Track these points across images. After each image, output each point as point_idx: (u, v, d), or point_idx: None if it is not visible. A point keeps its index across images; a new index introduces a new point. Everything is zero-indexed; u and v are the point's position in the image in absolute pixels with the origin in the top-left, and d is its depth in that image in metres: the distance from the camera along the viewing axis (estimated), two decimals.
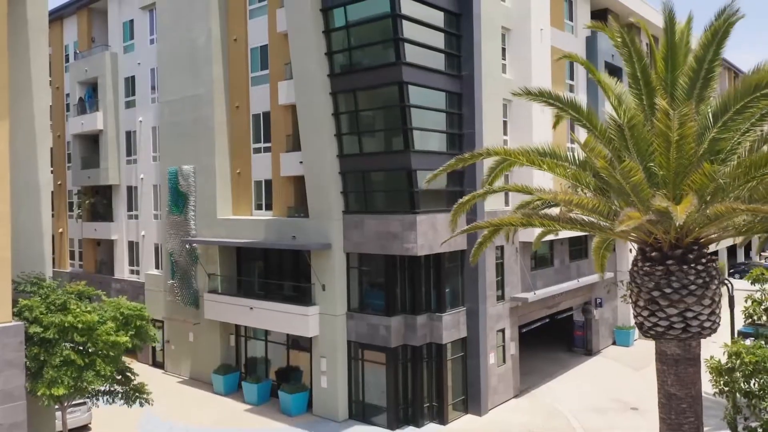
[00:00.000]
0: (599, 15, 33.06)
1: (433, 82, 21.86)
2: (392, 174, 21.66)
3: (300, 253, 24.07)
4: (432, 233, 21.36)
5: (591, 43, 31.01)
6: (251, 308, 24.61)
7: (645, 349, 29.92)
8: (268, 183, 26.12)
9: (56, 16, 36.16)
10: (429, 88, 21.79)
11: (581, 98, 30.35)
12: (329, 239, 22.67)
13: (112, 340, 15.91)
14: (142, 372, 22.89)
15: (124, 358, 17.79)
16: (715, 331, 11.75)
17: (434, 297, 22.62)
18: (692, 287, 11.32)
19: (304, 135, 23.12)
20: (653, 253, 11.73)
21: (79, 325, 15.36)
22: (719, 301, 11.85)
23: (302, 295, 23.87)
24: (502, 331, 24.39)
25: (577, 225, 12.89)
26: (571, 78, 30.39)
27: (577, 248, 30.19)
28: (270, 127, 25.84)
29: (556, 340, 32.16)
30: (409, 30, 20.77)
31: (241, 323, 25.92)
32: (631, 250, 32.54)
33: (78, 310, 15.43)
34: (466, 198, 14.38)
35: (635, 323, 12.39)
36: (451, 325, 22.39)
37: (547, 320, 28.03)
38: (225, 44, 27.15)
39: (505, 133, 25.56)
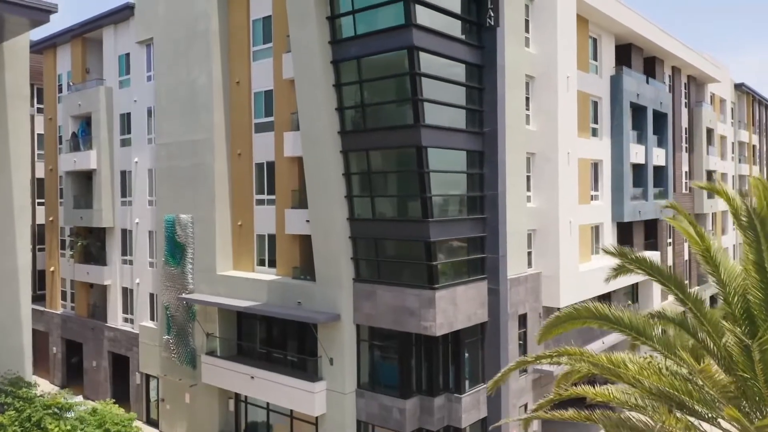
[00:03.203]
0: (623, 50, 31.31)
1: (453, 142, 20.01)
2: (409, 243, 19.77)
3: None
4: (452, 309, 19.49)
5: (616, 82, 29.23)
6: (252, 377, 22.75)
7: None
8: (272, 238, 24.26)
9: (49, 44, 34.30)
10: (449, 149, 19.94)
11: (605, 142, 28.62)
12: (338, 309, 20.80)
13: None
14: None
15: None
16: None
17: (452, 373, 20.74)
18: None
19: (312, 193, 21.26)
20: None
21: None
22: None
23: (308, 368, 21.98)
24: (525, 406, 22.53)
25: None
26: (596, 121, 28.56)
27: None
28: (274, 178, 23.99)
29: (576, 402, 30.18)
30: (428, 87, 18.89)
31: (240, 392, 24.04)
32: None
33: (56, 430, 13.54)
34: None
35: None
36: (471, 406, 20.52)
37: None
38: (227, 87, 25.28)
39: (528, 189, 23.71)
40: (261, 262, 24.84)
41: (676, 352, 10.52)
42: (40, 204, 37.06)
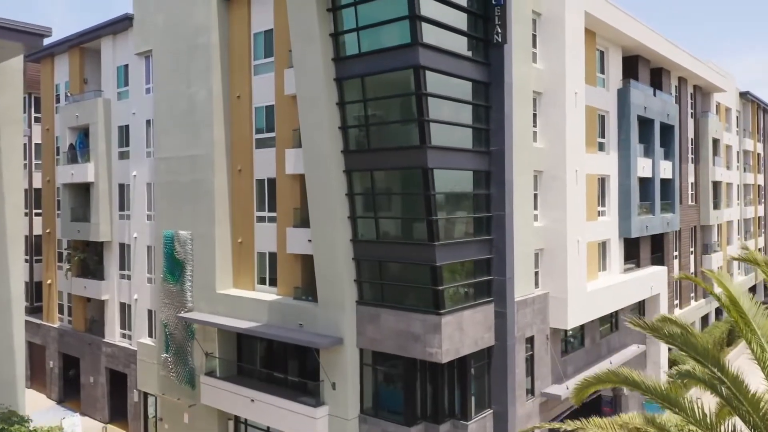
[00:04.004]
0: (629, 62, 30.81)
1: (460, 162, 19.48)
2: (414, 266, 19.21)
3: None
4: (458, 334, 18.96)
5: (623, 96, 28.72)
6: (252, 400, 22.22)
7: None
8: (273, 256, 23.73)
9: (47, 54, 33.77)
10: (456, 169, 19.42)
11: (612, 156, 28.13)
12: (340, 332, 20.28)
13: None
14: None
15: None
16: None
17: (458, 399, 20.22)
18: None
19: (314, 213, 20.72)
20: None
21: None
22: None
23: (310, 392, 21.45)
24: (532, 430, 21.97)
25: None
26: (602, 135, 28.05)
27: (607, 323, 27.83)
28: (275, 195, 23.47)
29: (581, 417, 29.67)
30: (434, 106, 18.35)
31: (240, 414, 23.50)
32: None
33: None
34: None
35: None
36: None
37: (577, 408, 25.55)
38: (227, 101, 24.75)
39: (535, 208, 23.17)
40: (261, 281, 24.31)
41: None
42: (37, 215, 36.56)
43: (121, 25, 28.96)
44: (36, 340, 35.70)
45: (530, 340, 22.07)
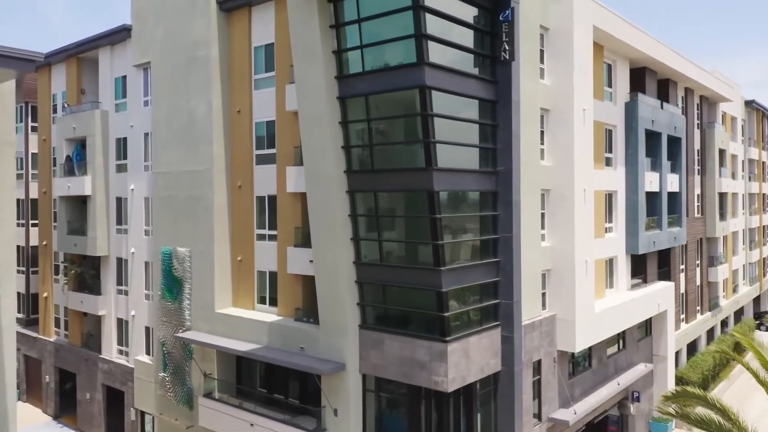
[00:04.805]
0: (636, 73, 30.28)
1: (466, 183, 18.92)
2: (419, 291, 18.64)
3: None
4: (465, 362, 18.39)
5: (631, 110, 28.18)
6: (252, 425, 21.66)
7: None
8: (273, 275, 23.18)
9: (44, 63, 33.21)
10: (462, 191, 18.87)
11: (619, 171, 27.60)
12: (343, 358, 19.71)
13: None
14: None
15: None
16: None
17: (464, 426, 19.65)
18: None
19: (316, 234, 20.15)
20: None
21: None
22: None
23: (311, 418, 20.87)
24: None
25: None
26: (610, 150, 27.52)
27: (614, 343, 27.27)
28: (276, 213, 22.92)
29: None
30: (440, 126, 17.76)
31: None
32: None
33: None
34: None
35: None
36: None
37: (583, 428, 25.05)
38: (227, 115, 24.19)
39: (542, 227, 22.61)
40: (261, 300, 23.75)
41: None
42: (33, 225, 36.03)
43: (119, 35, 28.40)
44: (32, 354, 35.16)
45: (537, 364, 21.50)
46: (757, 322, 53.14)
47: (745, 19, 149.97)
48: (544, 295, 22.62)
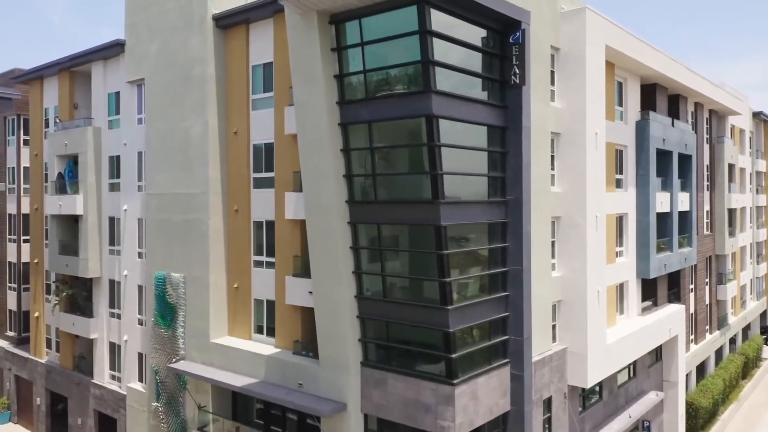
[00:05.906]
0: (647, 90, 29.34)
1: (475, 216, 17.90)
2: (424, 330, 17.64)
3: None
4: (473, 404, 17.41)
5: (642, 129, 27.23)
6: None
7: None
8: (271, 304, 22.21)
9: (36, 76, 32.27)
10: (471, 223, 17.87)
11: (630, 193, 26.63)
12: (343, 397, 18.72)
13: None
14: None
15: None
16: None
17: None
18: None
19: (316, 265, 19.16)
20: None
21: None
22: None
23: None
24: None
25: None
26: (620, 171, 26.54)
27: (624, 370, 26.28)
28: (274, 239, 21.93)
29: None
30: (447, 156, 16.76)
31: None
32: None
33: None
34: None
35: None
36: None
37: None
38: (223, 136, 23.21)
39: (553, 256, 21.65)
40: (259, 330, 22.76)
41: None
42: (26, 241, 35.04)
43: (113, 50, 27.40)
44: (23, 375, 34.14)
45: (548, 401, 20.53)
46: (764, 336, 52.26)
47: (745, 19, 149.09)
48: (554, 327, 21.65)
